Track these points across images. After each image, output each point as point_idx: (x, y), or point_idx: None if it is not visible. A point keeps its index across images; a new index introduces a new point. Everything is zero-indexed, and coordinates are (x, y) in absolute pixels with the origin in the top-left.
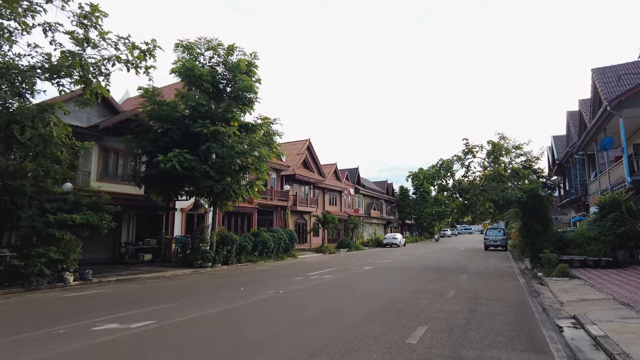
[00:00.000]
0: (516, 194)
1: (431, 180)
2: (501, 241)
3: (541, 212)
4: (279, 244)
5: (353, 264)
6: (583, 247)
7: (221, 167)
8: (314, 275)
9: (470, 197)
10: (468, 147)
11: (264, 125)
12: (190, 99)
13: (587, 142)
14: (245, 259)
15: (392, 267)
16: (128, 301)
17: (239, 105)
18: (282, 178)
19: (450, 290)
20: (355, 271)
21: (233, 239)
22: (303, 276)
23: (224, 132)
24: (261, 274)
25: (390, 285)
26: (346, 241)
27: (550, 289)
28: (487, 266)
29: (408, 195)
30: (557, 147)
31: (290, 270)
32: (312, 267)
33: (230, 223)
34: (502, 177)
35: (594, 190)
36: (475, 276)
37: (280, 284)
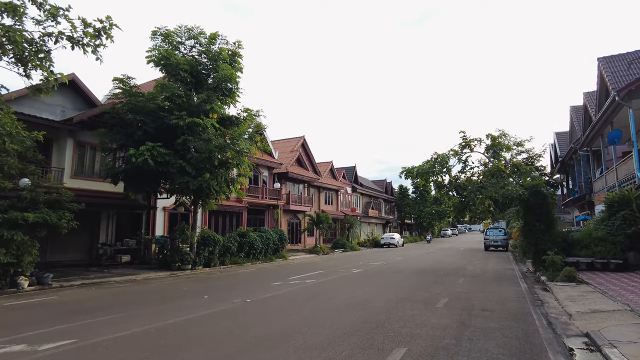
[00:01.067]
0: (517, 190)
1: (425, 176)
2: (502, 241)
3: (544, 211)
4: (268, 245)
5: (343, 266)
6: (590, 248)
7: (199, 163)
8: (295, 279)
9: (467, 194)
10: (465, 141)
11: (248, 119)
12: (166, 90)
13: (592, 137)
14: (229, 261)
15: (383, 270)
16: (69, 312)
17: (218, 96)
18: (274, 176)
19: (441, 299)
20: (341, 275)
21: (216, 239)
22: (283, 281)
23: (202, 125)
24: (240, 277)
25: (376, 292)
26: (341, 241)
27: (555, 296)
28: (486, 269)
29: (407, 194)
30: (559, 144)
31: (272, 274)
32: (298, 270)
33: (218, 223)
34: (502, 172)
35: (599, 187)
36: (473, 280)
37: (253, 291)
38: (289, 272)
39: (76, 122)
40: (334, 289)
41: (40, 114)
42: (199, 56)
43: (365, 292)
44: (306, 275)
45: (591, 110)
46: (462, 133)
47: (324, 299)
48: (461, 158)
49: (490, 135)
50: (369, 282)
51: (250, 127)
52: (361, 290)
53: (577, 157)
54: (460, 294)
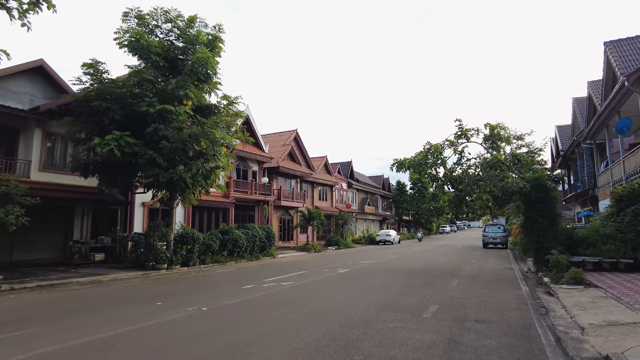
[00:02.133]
0: (518, 183)
1: (418, 168)
2: (501, 238)
3: (547, 206)
4: (254, 243)
5: (330, 265)
6: (597, 246)
7: (171, 153)
8: (271, 281)
9: (463, 187)
10: (462, 130)
11: (228, 107)
12: (135, 75)
13: (597, 129)
14: (210, 260)
15: (372, 270)
16: None
17: (193, 81)
18: (264, 170)
19: (431, 306)
20: (325, 276)
21: (195, 237)
22: (257, 283)
23: (174, 112)
24: (214, 279)
25: (357, 298)
26: (335, 238)
27: (562, 302)
28: (484, 268)
29: (405, 190)
30: (561, 138)
31: (251, 275)
32: (282, 270)
33: (203, 219)
34: (502, 164)
35: (604, 182)
36: (468, 282)
37: (218, 296)
38: (270, 273)
39: (44, 111)
40: (311, 294)
41: (5, 102)
42: (177, 40)
43: (346, 297)
44: (286, 276)
45: (596, 99)
46: (457, 122)
47: (294, 307)
48: (457, 149)
49: (489, 125)
50: (353, 285)
51: (229, 116)
52: (342, 294)
53: (580, 150)
54: (453, 299)
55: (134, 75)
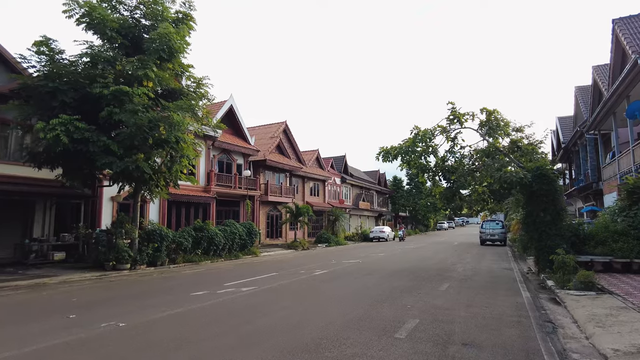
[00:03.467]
0: (517, 173)
1: (406, 157)
2: (499, 235)
3: (550, 198)
4: (233, 240)
5: (311, 265)
6: (607, 244)
7: (128, 140)
8: (232, 286)
9: (456, 178)
10: (455, 113)
11: (196, 90)
12: (87, 55)
13: (602, 116)
14: (182, 259)
15: (354, 271)
16: None
17: (154, 60)
18: (250, 164)
19: (409, 320)
20: (297, 279)
21: (163, 234)
22: (215, 288)
23: (130, 94)
24: (171, 281)
25: (322, 308)
26: (325, 235)
27: (572, 314)
28: (480, 268)
29: (402, 186)
30: (562, 130)
31: (217, 277)
32: (253, 271)
33: (180, 215)
34: (499, 152)
35: (610, 174)
36: (460, 286)
37: (155, 305)
38: (239, 274)
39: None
40: (266, 304)
41: None
42: (144, 19)
43: (309, 307)
44: (254, 279)
45: (602, 84)
46: (450, 104)
47: (235, 324)
48: (449, 135)
49: (485, 110)
50: (324, 291)
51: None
52: (307, 303)
53: (583, 141)
54: (439, 310)
55: (86, 54)
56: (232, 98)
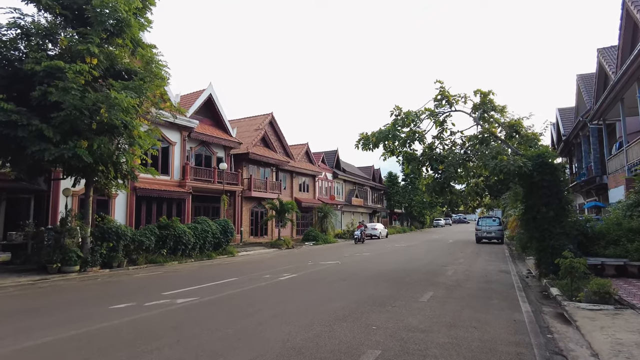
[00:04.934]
0: (516, 162)
1: (386, 142)
2: (496, 232)
3: (554, 191)
4: (205, 239)
5: (284, 266)
6: (621, 244)
7: (65, 124)
8: (170, 296)
9: (445, 167)
10: (443, 93)
11: (147, 67)
12: (15, 25)
13: (609, 103)
14: (145, 260)
15: (327, 275)
16: None
17: (99, 34)
18: (232, 157)
19: (367, 351)
20: (257, 285)
21: (120, 232)
22: (147, 299)
23: (66, 70)
24: (111, 288)
25: (258, 332)
26: (313, 233)
27: (588, 341)
28: (473, 270)
29: (397, 182)
30: (563, 122)
31: (168, 281)
32: (215, 275)
33: (151, 212)
34: (495, 138)
35: (616, 166)
36: (447, 295)
37: (53, 324)
38: (191, 280)
39: None
40: (196, 323)
41: None
42: None
43: (245, 328)
44: (204, 286)
45: (609, 68)
46: (438, 83)
47: (132, 355)
48: (438, 119)
49: (479, 91)
50: (277, 303)
51: (145, 80)
52: (245, 322)
53: (586, 133)
54: (411, 333)
55: (15, 24)
56: (211, 87)
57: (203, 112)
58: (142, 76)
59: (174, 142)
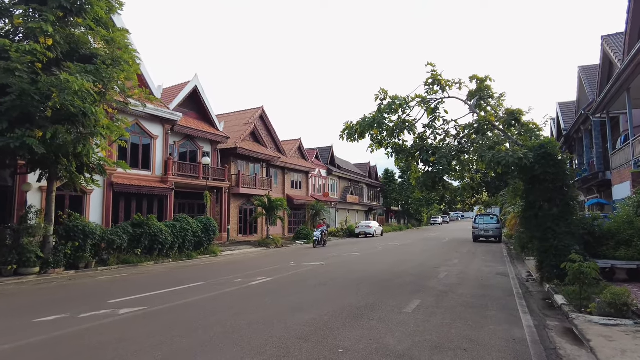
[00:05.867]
0: (515, 153)
1: (371, 130)
2: (494, 231)
3: (558, 185)
4: (184, 238)
5: (263, 268)
6: (634, 245)
7: (14, 110)
8: (115, 305)
9: (437, 159)
10: (435, 76)
11: (109, 49)
12: None
13: (614, 93)
14: (116, 260)
15: (306, 279)
16: None
17: (55, 11)
18: (218, 152)
19: None
20: (222, 291)
21: (87, 230)
22: (81, 309)
23: (10, 49)
24: (62, 293)
25: (188, 358)
26: (304, 231)
27: None
28: (468, 273)
29: (394, 179)
30: (563, 116)
31: (122, 288)
32: (182, 279)
33: (130, 209)
34: (492, 127)
35: (621, 161)
36: (436, 304)
37: None
38: (154, 284)
39: None
40: (116, 347)
41: None
42: None
43: (175, 353)
44: (164, 292)
45: (614, 56)
46: (430, 66)
47: None
48: (429, 105)
49: (476, 77)
50: (235, 315)
51: (109, 64)
52: (184, 342)
53: (588, 126)
54: (385, 359)
55: None
56: (196, 78)
57: (188, 105)
58: (103, 59)
59: (156, 135)
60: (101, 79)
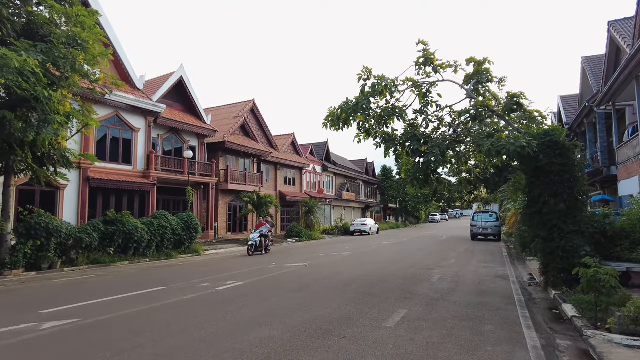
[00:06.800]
0: (517, 140)
1: (356, 115)
2: (493, 229)
3: (566, 178)
4: (163, 236)
5: (237, 270)
6: None
7: None
8: (35, 319)
9: (428, 149)
10: (427, 55)
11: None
12: None
13: (622, 82)
14: (85, 260)
15: (282, 283)
16: None
17: None
18: (205, 146)
19: None
20: (179, 298)
21: (52, 228)
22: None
23: None
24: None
25: None
26: (296, 229)
27: None
28: (464, 275)
29: (392, 176)
30: (565, 110)
31: (75, 291)
32: (144, 282)
33: (108, 205)
34: (491, 113)
35: (628, 155)
36: (424, 315)
37: None
38: (118, 287)
39: None
40: None
41: None
42: None
43: None
44: (118, 297)
45: (623, 41)
46: (421, 45)
47: None
48: (421, 89)
49: (473, 60)
50: (180, 332)
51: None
52: None
53: (592, 119)
54: None
55: None
56: (182, 68)
57: (173, 97)
58: (58, 37)
59: (138, 128)
60: (54, 59)
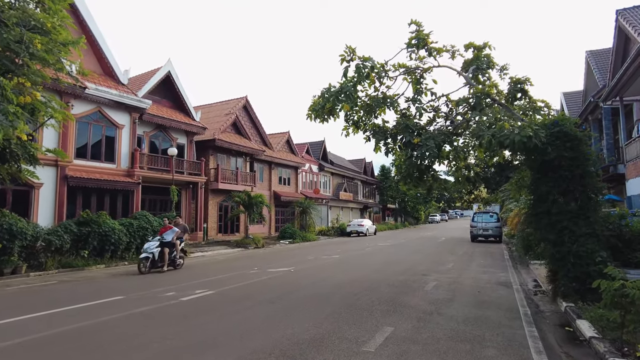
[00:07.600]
0: (523, 130)
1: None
2: (493, 230)
3: (577, 174)
4: (143, 238)
5: (215, 276)
6: None
7: None
8: None
9: (422, 141)
10: (420, 35)
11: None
12: None
13: (631, 74)
14: (56, 263)
15: (254, 293)
16: None
17: None
18: (194, 144)
19: None
20: (131, 311)
21: (15, 229)
22: None
23: None
24: None
25: None
26: (290, 230)
27: None
28: (462, 282)
29: (391, 175)
30: (568, 107)
31: (23, 303)
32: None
33: (90, 206)
34: (492, 101)
35: (637, 152)
36: (413, 336)
37: None
38: (77, 296)
39: None
40: None
41: None
42: None
43: None
44: (69, 308)
45: (633, 30)
46: (414, 25)
47: None
48: (414, 75)
49: (472, 45)
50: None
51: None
52: None
53: (597, 115)
54: None
55: None
56: (170, 63)
57: (161, 93)
58: (8, 17)
59: (122, 124)
60: (7, 43)
